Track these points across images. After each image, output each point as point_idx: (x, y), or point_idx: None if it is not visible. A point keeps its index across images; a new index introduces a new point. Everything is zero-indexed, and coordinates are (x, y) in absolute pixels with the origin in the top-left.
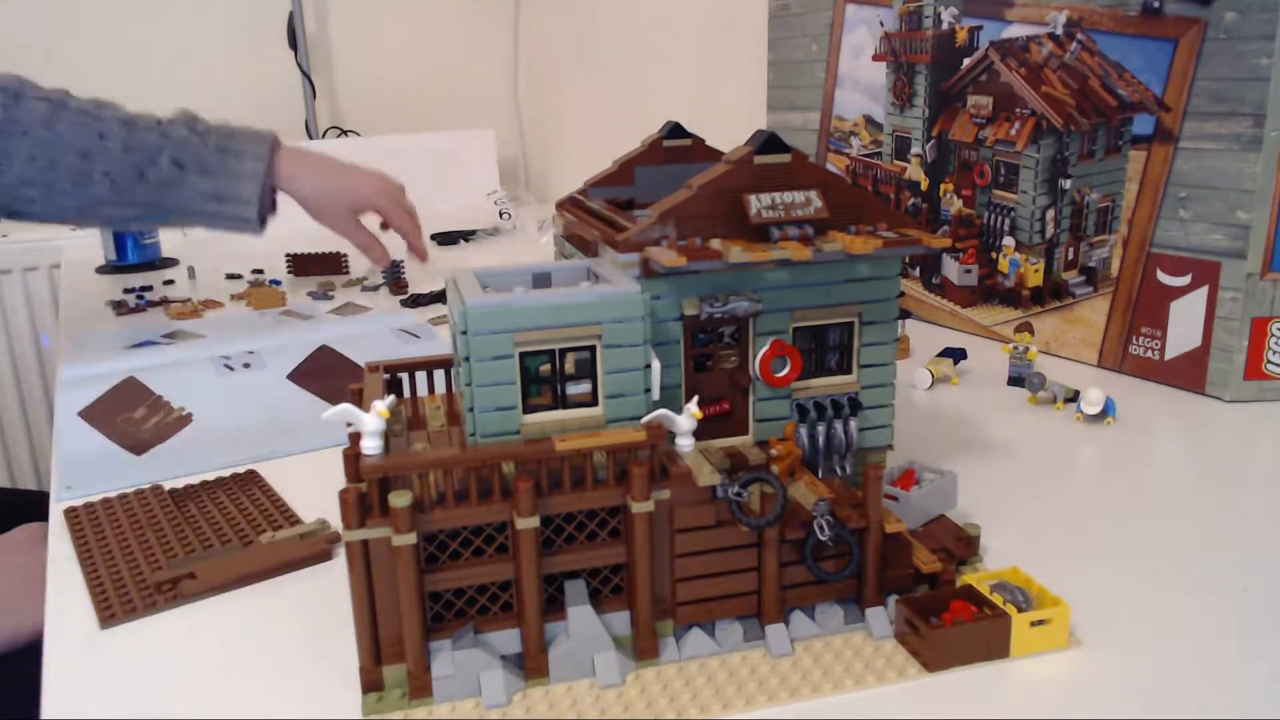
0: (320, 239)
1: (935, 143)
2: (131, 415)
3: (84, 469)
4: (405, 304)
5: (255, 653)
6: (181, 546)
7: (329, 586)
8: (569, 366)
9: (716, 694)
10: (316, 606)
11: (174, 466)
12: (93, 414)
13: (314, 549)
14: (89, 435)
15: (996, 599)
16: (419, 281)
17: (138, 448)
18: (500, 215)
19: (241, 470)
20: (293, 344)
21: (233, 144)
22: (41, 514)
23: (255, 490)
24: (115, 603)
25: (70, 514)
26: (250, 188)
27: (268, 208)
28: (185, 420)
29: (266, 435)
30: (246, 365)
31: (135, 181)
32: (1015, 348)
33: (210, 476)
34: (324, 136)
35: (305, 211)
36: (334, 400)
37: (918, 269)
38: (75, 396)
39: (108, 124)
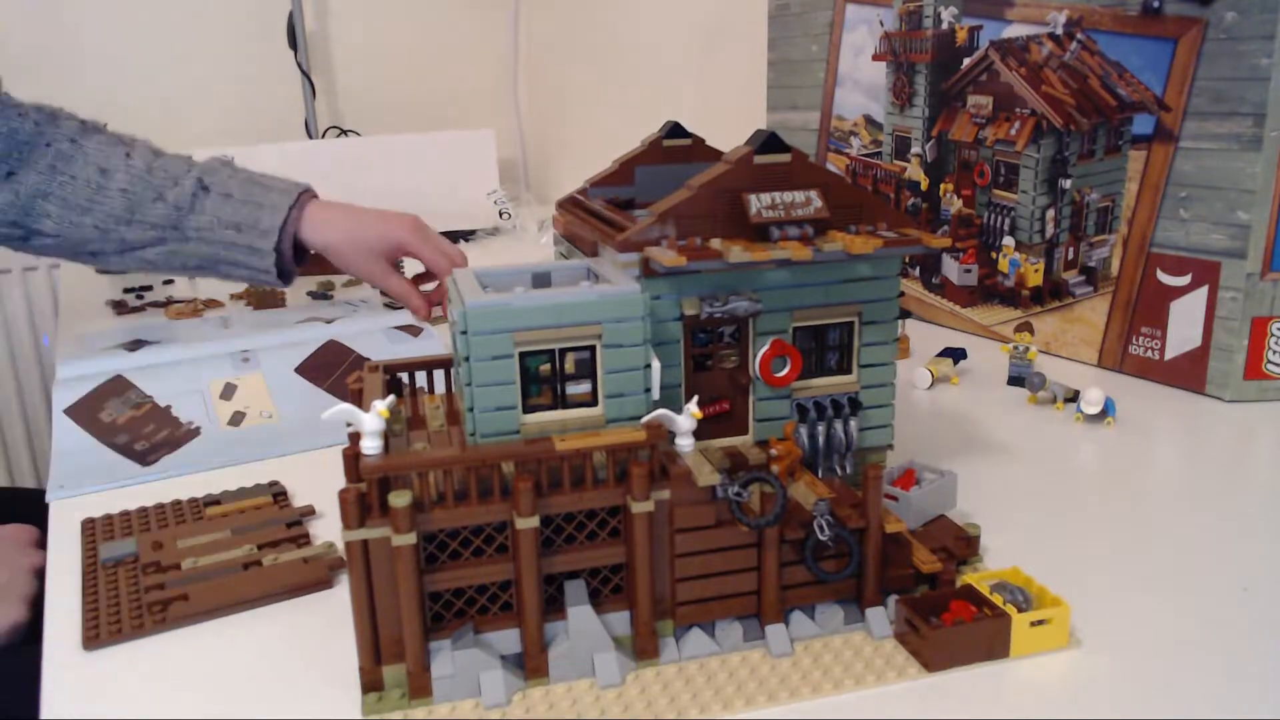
0: None
1: (935, 143)
2: (123, 416)
3: (76, 467)
4: (387, 304)
5: (254, 654)
6: (181, 564)
7: (330, 592)
8: (569, 366)
9: (716, 694)
10: (316, 610)
11: (170, 466)
12: (80, 412)
13: (313, 576)
14: (80, 435)
15: (996, 599)
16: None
17: (141, 456)
18: (500, 215)
19: (265, 480)
20: (295, 342)
21: (263, 179)
22: (39, 512)
23: (273, 503)
24: (102, 623)
25: (86, 524)
26: (271, 218)
27: (289, 253)
28: (193, 433)
29: (266, 436)
30: (245, 360)
31: (153, 201)
32: (1015, 348)
33: (234, 483)
34: (324, 136)
35: (335, 263)
36: (343, 395)
37: (918, 269)
38: (67, 395)
39: (138, 148)
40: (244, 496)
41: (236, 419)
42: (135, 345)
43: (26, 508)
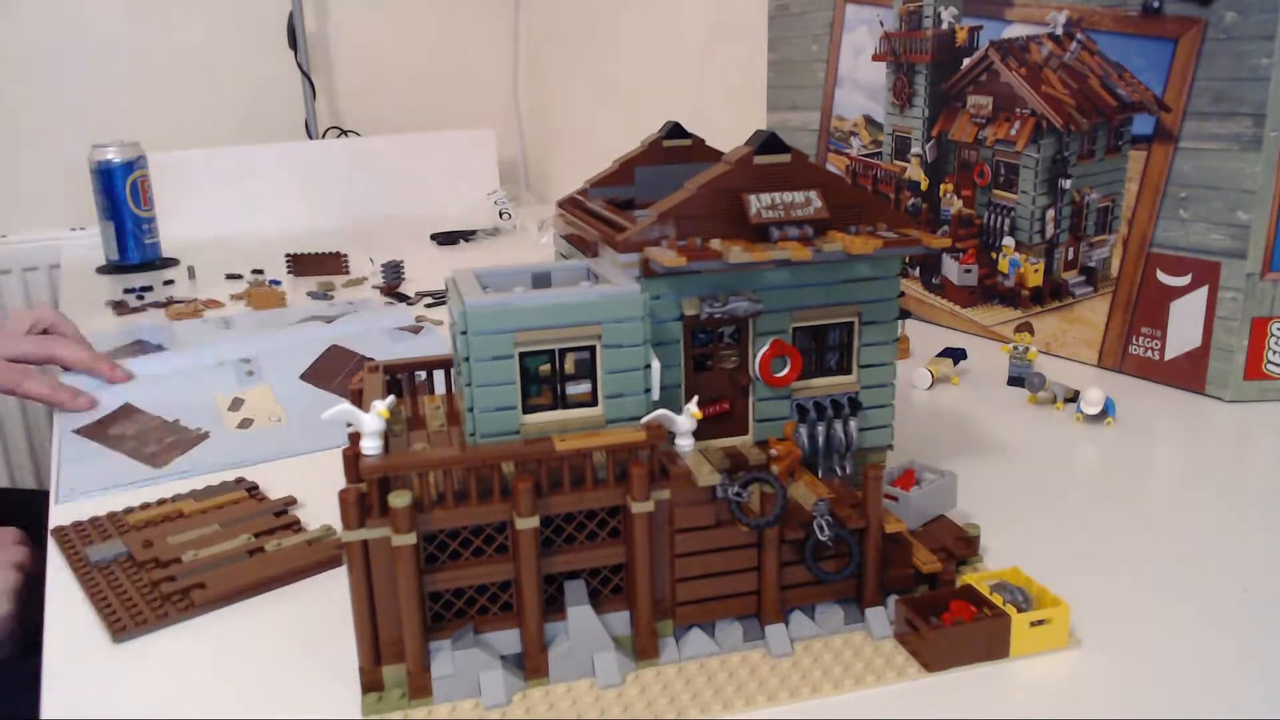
0: (320, 239)
1: (935, 143)
2: (131, 429)
3: (86, 471)
4: (388, 303)
5: (253, 654)
6: (181, 557)
7: (331, 589)
8: (569, 366)
9: (716, 694)
10: (317, 608)
11: (181, 467)
12: (91, 431)
13: (324, 554)
14: (89, 444)
15: (996, 599)
16: (421, 282)
17: (151, 459)
18: (500, 215)
19: (231, 478)
20: (298, 347)
21: None
22: (36, 514)
23: (249, 497)
24: (124, 615)
25: (63, 531)
26: None
27: None
28: (202, 437)
29: (274, 438)
30: (250, 374)
31: None
32: (1015, 348)
33: (201, 483)
34: (324, 136)
35: None
36: (346, 397)
37: (918, 269)
38: (76, 419)
39: None
40: (214, 494)
41: (245, 424)
42: (137, 348)
43: (21, 509)
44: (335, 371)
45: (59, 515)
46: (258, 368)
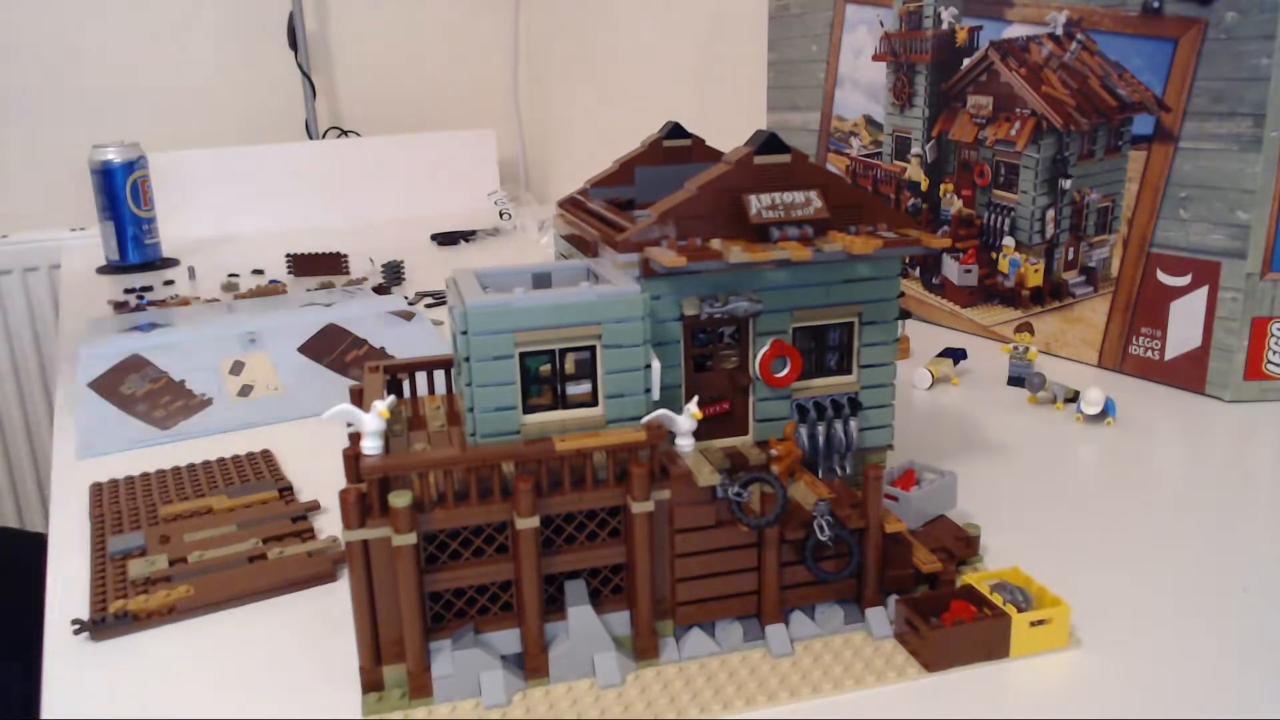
0: (320, 239)
1: (935, 143)
2: (141, 389)
3: (101, 431)
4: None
5: (254, 654)
6: (188, 557)
7: (330, 590)
8: (569, 366)
9: (716, 694)
10: (317, 609)
11: (186, 431)
12: (102, 386)
13: (317, 569)
14: (103, 404)
15: (996, 599)
16: (421, 282)
17: (159, 423)
18: (500, 215)
19: (258, 450)
20: (297, 324)
21: None
22: (39, 553)
23: (278, 498)
24: (110, 615)
25: (94, 489)
26: None
27: None
28: (206, 403)
29: (272, 405)
30: (252, 341)
31: None
32: (1015, 348)
33: (226, 452)
34: (324, 136)
35: None
36: (342, 371)
37: (918, 269)
38: (89, 370)
39: None
40: (249, 492)
41: (245, 391)
42: (150, 327)
43: (26, 550)
44: (330, 348)
45: (93, 472)
46: (259, 337)
